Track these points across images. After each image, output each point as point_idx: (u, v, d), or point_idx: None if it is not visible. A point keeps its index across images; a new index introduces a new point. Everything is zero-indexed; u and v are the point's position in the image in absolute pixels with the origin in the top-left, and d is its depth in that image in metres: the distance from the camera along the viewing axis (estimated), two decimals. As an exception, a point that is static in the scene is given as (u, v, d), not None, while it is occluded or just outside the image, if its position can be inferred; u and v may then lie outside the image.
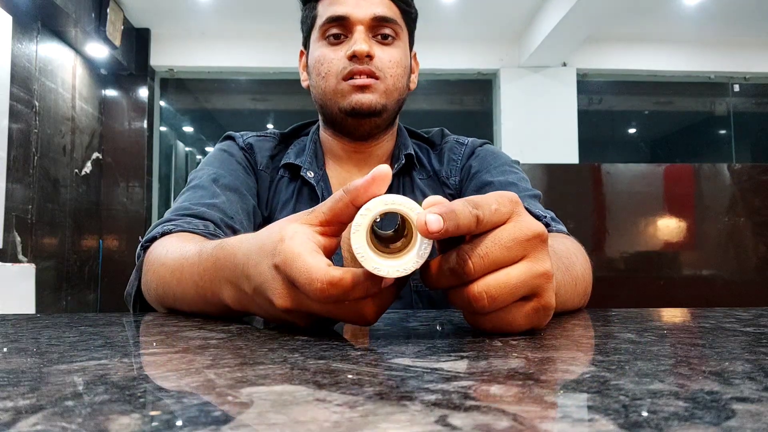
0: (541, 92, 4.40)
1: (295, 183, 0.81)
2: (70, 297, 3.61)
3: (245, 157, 0.82)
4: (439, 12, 4.00)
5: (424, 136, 0.89)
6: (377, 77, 0.75)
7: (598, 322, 0.42)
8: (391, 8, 0.78)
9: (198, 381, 0.23)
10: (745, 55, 4.59)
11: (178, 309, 0.54)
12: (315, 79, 0.79)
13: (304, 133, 0.88)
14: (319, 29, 0.78)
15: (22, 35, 3.08)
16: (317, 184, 0.79)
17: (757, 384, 0.22)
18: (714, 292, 2.91)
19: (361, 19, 0.76)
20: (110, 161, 4.11)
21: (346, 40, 0.77)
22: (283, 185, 0.81)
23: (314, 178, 0.80)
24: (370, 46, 0.75)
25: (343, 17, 0.76)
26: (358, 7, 0.76)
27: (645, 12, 4.04)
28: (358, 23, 0.76)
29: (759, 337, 0.34)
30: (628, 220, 2.96)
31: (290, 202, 0.80)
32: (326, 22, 0.77)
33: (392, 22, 0.77)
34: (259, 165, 0.82)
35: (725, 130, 5.08)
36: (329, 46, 0.77)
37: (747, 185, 2.99)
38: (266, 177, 0.82)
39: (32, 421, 0.17)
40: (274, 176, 0.82)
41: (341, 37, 0.77)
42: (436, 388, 0.21)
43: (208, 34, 4.29)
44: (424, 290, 0.78)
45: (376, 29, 0.77)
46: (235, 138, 0.85)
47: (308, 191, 0.80)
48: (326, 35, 0.78)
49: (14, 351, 0.30)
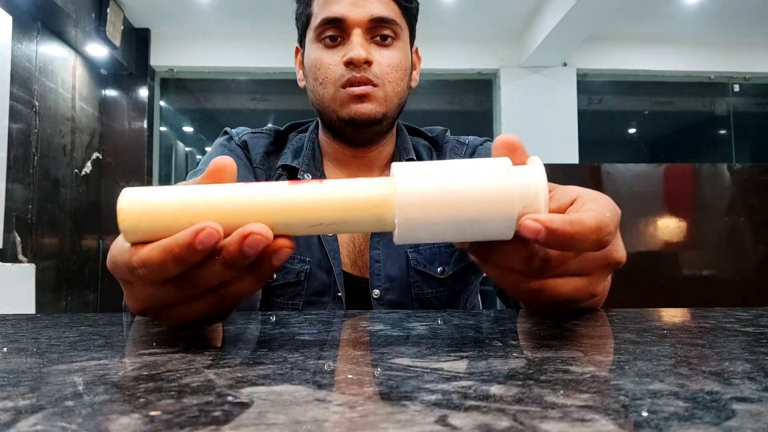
0: (541, 92, 4.40)
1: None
2: (70, 297, 3.61)
3: (244, 154, 0.81)
4: (439, 12, 4.00)
5: (428, 135, 0.87)
6: (375, 84, 0.73)
7: (598, 322, 0.42)
8: (390, 6, 0.75)
9: (198, 381, 0.23)
10: (745, 55, 4.60)
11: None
12: (312, 83, 0.76)
13: (301, 130, 0.87)
14: (315, 30, 0.75)
15: (22, 35, 3.08)
16: None
17: (757, 384, 0.22)
18: (714, 292, 2.92)
19: (358, 21, 0.72)
20: (110, 161, 4.11)
21: (342, 42, 0.74)
22: None
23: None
24: (368, 51, 0.72)
25: (339, 19, 0.72)
26: (354, 7, 0.72)
27: (645, 12, 4.04)
28: (355, 26, 0.72)
29: (759, 337, 0.34)
30: (628, 220, 2.96)
31: None
32: (321, 24, 0.74)
33: (391, 23, 0.74)
34: (254, 162, 0.81)
35: (725, 130, 5.08)
36: (325, 49, 0.74)
37: (747, 185, 2.99)
38: (262, 174, 0.80)
39: (32, 421, 0.17)
40: (270, 175, 0.81)
41: (337, 39, 0.74)
42: (436, 388, 0.21)
43: (208, 34, 4.29)
44: (426, 297, 0.77)
45: (374, 30, 0.74)
46: (231, 135, 0.84)
47: None
48: (322, 37, 0.74)
49: (14, 351, 0.30)
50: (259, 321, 0.45)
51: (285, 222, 0.31)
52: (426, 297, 0.77)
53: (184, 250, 0.29)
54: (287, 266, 0.76)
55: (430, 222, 0.30)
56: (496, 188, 0.30)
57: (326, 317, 0.46)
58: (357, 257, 0.78)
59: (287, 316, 0.47)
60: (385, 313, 0.51)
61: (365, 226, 0.32)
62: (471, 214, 0.30)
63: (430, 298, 0.77)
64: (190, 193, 0.32)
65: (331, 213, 0.31)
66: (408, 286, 0.76)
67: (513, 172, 0.31)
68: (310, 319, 0.44)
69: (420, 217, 0.30)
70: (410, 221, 0.30)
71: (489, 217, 0.30)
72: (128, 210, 0.31)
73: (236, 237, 0.29)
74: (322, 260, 0.76)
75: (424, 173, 0.31)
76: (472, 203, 0.30)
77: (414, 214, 0.30)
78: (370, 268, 0.76)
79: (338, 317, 0.47)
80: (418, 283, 0.77)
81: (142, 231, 0.31)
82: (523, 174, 0.31)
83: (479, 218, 0.30)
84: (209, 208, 0.31)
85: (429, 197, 0.30)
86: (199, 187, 0.32)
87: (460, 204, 0.30)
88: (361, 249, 0.78)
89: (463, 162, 0.32)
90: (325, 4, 0.74)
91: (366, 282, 0.77)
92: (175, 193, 0.32)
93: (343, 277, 0.76)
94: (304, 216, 0.31)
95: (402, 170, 0.31)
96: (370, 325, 0.42)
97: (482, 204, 0.30)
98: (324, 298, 0.76)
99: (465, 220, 0.30)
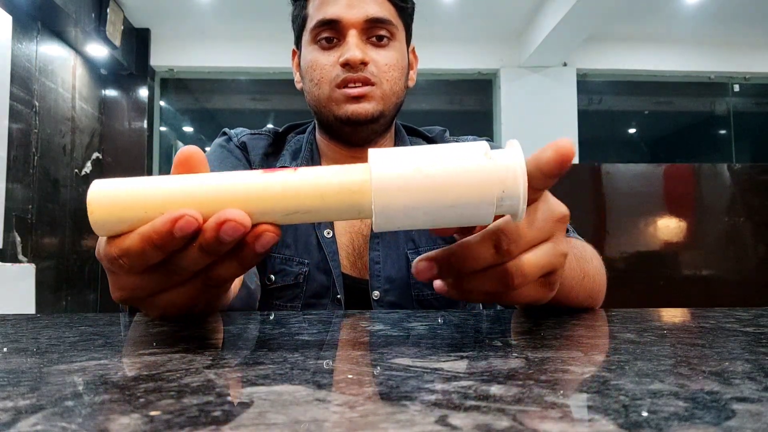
0: (541, 92, 4.40)
1: None
2: (70, 297, 3.61)
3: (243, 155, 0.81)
4: (438, 12, 4.00)
5: (427, 135, 0.88)
6: (373, 83, 0.73)
7: (598, 322, 0.42)
8: (385, 6, 0.75)
9: (198, 381, 0.23)
10: (745, 55, 4.59)
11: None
12: (308, 84, 0.77)
13: (299, 131, 0.87)
14: (311, 32, 0.75)
15: (22, 35, 3.08)
16: None
17: (757, 384, 0.22)
18: (714, 292, 2.92)
19: (353, 22, 0.72)
20: (110, 161, 4.11)
21: (338, 43, 0.74)
22: None
23: None
24: (364, 52, 0.72)
25: (334, 20, 0.73)
26: (350, 8, 0.72)
27: (645, 12, 4.04)
28: (351, 27, 0.73)
29: (759, 337, 0.34)
30: (628, 220, 2.96)
31: None
32: (317, 26, 0.74)
33: (387, 23, 0.74)
34: (253, 164, 0.81)
35: (725, 130, 5.08)
36: (321, 50, 0.75)
37: (747, 185, 2.99)
38: None
39: (32, 421, 0.17)
40: None
41: (333, 40, 0.74)
42: (436, 388, 0.21)
43: (208, 34, 4.29)
44: (426, 299, 0.77)
45: (370, 31, 0.74)
46: (230, 135, 0.84)
47: None
48: (317, 39, 0.75)
49: (14, 351, 0.30)
50: (259, 321, 0.45)
51: (260, 211, 0.30)
52: (426, 298, 0.77)
53: (164, 237, 0.29)
54: (286, 269, 0.76)
55: (408, 208, 0.30)
56: (475, 172, 0.30)
57: (326, 317, 0.46)
58: (356, 259, 0.78)
59: (287, 316, 0.47)
60: (385, 313, 0.51)
61: (343, 214, 0.31)
62: (450, 200, 0.30)
63: (430, 299, 0.77)
64: (161, 183, 0.31)
65: (306, 201, 0.30)
66: (408, 287, 0.76)
67: (491, 155, 0.30)
68: (309, 319, 0.44)
69: (398, 204, 0.30)
70: (388, 207, 0.30)
71: (468, 201, 0.30)
72: (97, 203, 0.31)
73: (212, 223, 0.29)
74: (321, 262, 0.76)
75: (400, 158, 0.30)
76: (451, 187, 0.30)
77: (391, 200, 0.30)
78: (369, 270, 0.76)
79: (338, 317, 0.47)
80: (418, 284, 0.76)
81: (112, 224, 0.31)
82: (501, 157, 0.31)
83: (459, 203, 0.30)
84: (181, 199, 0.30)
85: (406, 182, 0.29)
86: (170, 177, 0.31)
87: (439, 189, 0.30)
88: (361, 250, 0.78)
89: (440, 147, 0.31)
90: (321, 6, 0.74)
91: (366, 283, 0.77)
92: (146, 183, 0.31)
93: (343, 278, 0.76)
94: (278, 204, 0.30)
95: (378, 156, 0.31)
96: (370, 325, 0.42)
97: (461, 188, 0.30)
98: (323, 300, 0.76)
99: (444, 206, 0.30)
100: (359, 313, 0.51)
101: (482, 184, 0.30)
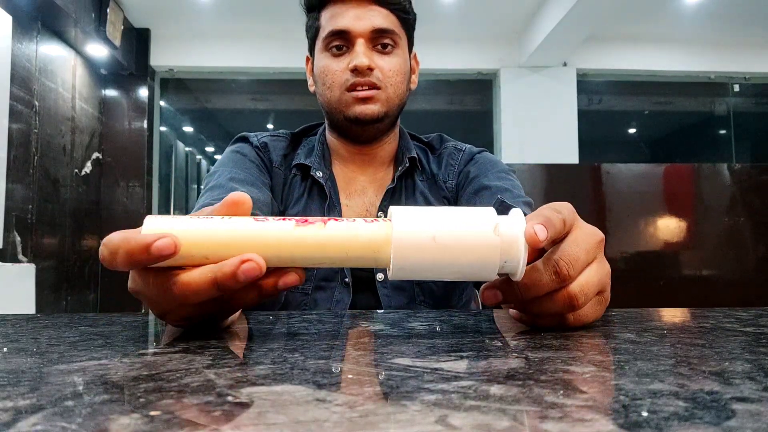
0: (541, 92, 4.40)
1: (306, 181, 0.86)
2: (70, 297, 3.61)
3: (258, 156, 0.86)
4: (438, 12, 4.00)
5: (424, 140, 0.94)
6: (378, 87, 0.80)
7: (598, 322, 0.42)
8: (389, 18, 0.82)
9: (198, 381, 0.23)
10: (745, 55, 4.59)
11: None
12: (321, 88, 0.84)
13: (312, 133, 0.94)
14: (323, 41, 0.83)
15: (22, 35, 3.08)
16: (325, 183, 0.85)
17: (757, 384, 0.22)
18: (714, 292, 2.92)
19: (361, 32, 0.80)
20: (110, 161, 4.11)
21: (347, 51, 0.82)
22: (296, 183, 0.87)
23: (323, 178, 0.85)
24: (371, 59, 0.80)
25: (344, 31, 0.80)
26: (358, 20, 0.80)
27: (645, 12, 4.04)
28: (359, 36, 0.80)
29: (759, 337, 0.34)
30: (628, 220, 2.96)
31: (302, 198, 0.85)
32: (329, 35, 0.82)
33: (391, 33, 0.82)
34: (274, 163, 0.87)
35: (725, 130, 5.08)
36: (332, 57, 0.82)
37: (747, 185, 2.99)
38: (280, 174, 0.87)
39: (32, 421, 0.17)
40: (287, 174, 0.88)
41: (343, 48, 0.82)
42: (436, 388, 0.21)
43: (208, 34, 4.29)
44: (427, 283, 0.81)
45: (375, 40, 0.81)
46: (249, 138, 0.89)
47: (317, 189, 0.86)
48: (329, 47, 0.82)
49: (14, 351, 0.30)
50: (259, 321, 0.45)
51: (292, 258, 0.34)
52: (426, 282, 0.81)
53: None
54: None
55: (423, 268, 0.35)
56: (483, 247, 0.35)
57: (327, 317, 0.46)
58: None
59: (287, 316, 0.47)
60: (386, 313, 0.51)
61: (362, 263, 0.35)
62: (459, 266, 0.35)
63: (429, 283, 0.81)
64: (206, 226, 0.34)
65: (332, 253, 0.34)
66: None
67: (499, 232, 0.35)
68: (310, 319, 0.45)
69: (413, 264, 0.35)
70: (404, 265, 0.35)
71: (474, 270, 0.35)
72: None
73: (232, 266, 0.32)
74: None
75: (419, 221, 0.35)
76: (461, 257, 0.35)
77: (407, 260, 0.34)
78: None
79: (338, 317, 0.47)
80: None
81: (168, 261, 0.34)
82: (507, 230, 0.35)
83: (465, 270, 0.35)
84: (223, 243, 0.34)
85: (422, 247, 0.34)
86: (215, 220, 0.35)
87: (451, 256, 0.34)
88: None
89: (455, 215, 0.35)
90: (332, 18, 0.82)
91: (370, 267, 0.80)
92: (193, 224, 0.34)
93: None
94: (308, 253, 0.34)
95: (399, 216, 0.35)
96: (370, 325, 0.42)
97: (470, 258, 0.35)
98: (332, 283, 0.81)
99: (453, 271, 0.35)
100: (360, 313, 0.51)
101: (488, 255, 0.35)
